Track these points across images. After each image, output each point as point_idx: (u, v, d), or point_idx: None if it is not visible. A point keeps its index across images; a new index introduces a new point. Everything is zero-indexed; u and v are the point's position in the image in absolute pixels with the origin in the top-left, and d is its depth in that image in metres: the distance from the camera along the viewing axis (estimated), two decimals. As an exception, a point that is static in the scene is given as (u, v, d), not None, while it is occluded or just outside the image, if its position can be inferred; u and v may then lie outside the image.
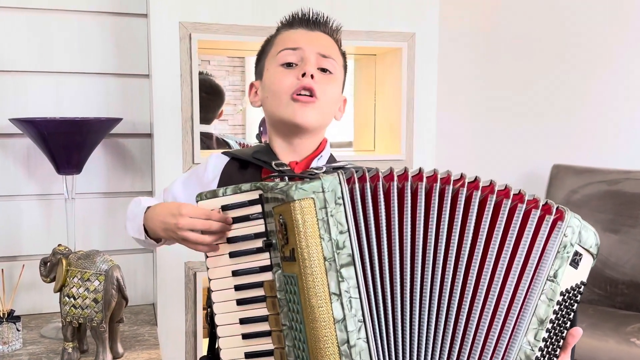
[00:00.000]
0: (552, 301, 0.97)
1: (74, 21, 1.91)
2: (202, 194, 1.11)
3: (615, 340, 1.81)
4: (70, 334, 1.58)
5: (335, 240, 0.94)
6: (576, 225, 0.98)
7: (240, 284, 1.07)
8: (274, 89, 1.24)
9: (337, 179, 0.95)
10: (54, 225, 1.93)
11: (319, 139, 1.30)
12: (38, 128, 1.69)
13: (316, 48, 1.24)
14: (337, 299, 0.93)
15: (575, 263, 0.99)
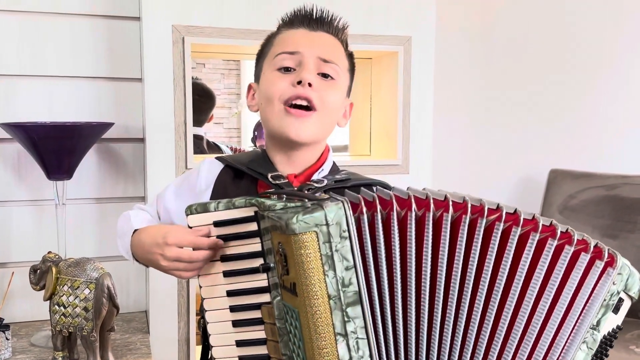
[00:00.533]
0: (592, 350, 0.93)
1: (65, 24, 1.89)
2: (192, 207, 1.04)
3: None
4: (61, 343, 1.55)
5: (340, 278, 0.86)
6: (625, 273, 0.93)
7: (236, 304, 1.02)
8: (267, 95, 1.14)
9: (342, 209, 0.87)
10: (45, 232, 1.90)
11: (319, 150, 1.20)
12: (28, 133, 1.67)
13: (316, 52, 1.14)
14: (342, 339, 0.86)
15: (617, 309, 0.95)
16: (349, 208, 0.87)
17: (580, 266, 0.88)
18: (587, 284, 0.89)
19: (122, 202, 1.97)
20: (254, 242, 0.99)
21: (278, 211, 0.90)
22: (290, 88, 1.11)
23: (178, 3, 1.80)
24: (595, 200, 2.29)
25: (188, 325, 1.86)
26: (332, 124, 1.19)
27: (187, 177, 1.28)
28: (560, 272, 0.87)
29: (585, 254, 0.88)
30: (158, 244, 1.06)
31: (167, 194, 1.28)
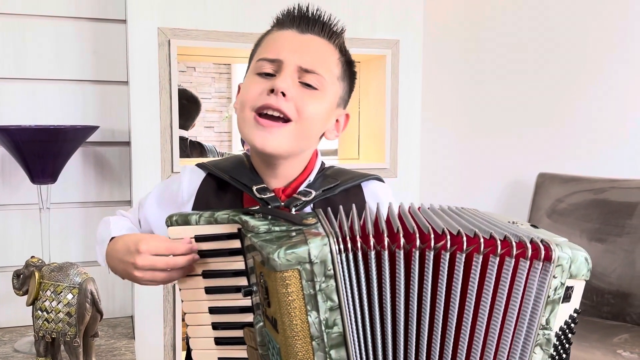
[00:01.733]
0: (548, 350, 0.87)
1: (50, 27, 1.87)
2: (172, 217, 0.99)
3: (602, 352, 1.79)
4: (44, 348, 1.53)
5: (324, 319, 0.81)
6: (566, 261, 0.84)
7: (219, 322, 0.99)
8: (241, 101, 1.06)
9: (328, 245, 0.81)
10: (29, 236, 1.88)
11: (303, 160, 1.11)
12: (12, 136, 1.65)
13: (299, 59, 1.04)
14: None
15: (567, 298, 0.87)
16: (335, 243, 0.81)
17: (521, 275, 0.82)
18: (528, 291, 0.82)
19: (108, 206, 1.95)
20: (237, 259, 0.95)
21: (261, 235, 0.86)
22: (262, 96, 1.02)
23: (164, 6, 1.79)
24: (583, 204, 2.29)
25: (174, 330, 1.84)
26: (313, 136, 1.09)
27: (169, 185, 1.21)
28: (505, 285, 0.82)
29: (524, 260, 0.81)
30: (131, 252, 1.00)
31: (148, 202, 1.22)
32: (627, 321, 2.10)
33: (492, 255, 0.81)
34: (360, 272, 0.83)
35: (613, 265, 2.15)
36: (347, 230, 0.84)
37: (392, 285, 0.83)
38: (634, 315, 2.08)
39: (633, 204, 2.19)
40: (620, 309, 2.12)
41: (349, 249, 0.82)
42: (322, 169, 1.15)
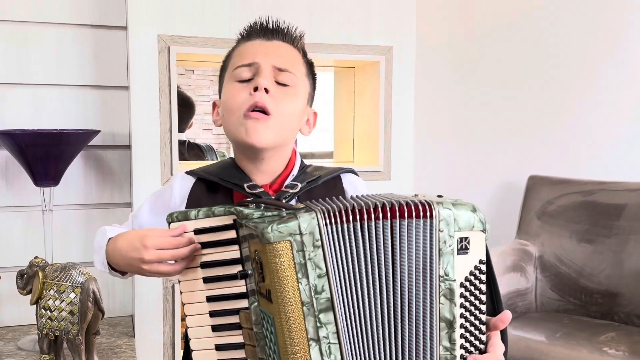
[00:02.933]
0: (453, 300, 0.94)
1: (52, 33, 1.92)
2: (173, 214, 1.06)
3: (588, 350, 1.84)
4: (47, 346, 1.57)
5: (313, 285, 0.90)
6: (449, 216, 0.94)
7: (216, 310, 1.04)
8: (228, 107, 1.15)
9: (315, 219, 0.90)
10: (32, 237, 1.93)
11: (285, 156, 1.21)
12: (15, 140, 1.69)
13: (272, 60, 1.15)
14: (315, 345, 0.90)
15: (464, 249, 0.95)
16: (322, 218, 0.91)
17: (411, 231, 0.92)
18: (417, 246, 0.92)
19: (109, 208, 2.00)
20: (232, 249, 1.01)
21: (255, 220, 0.94)
22: (249, 97, 1.12)
23: (163, 13, 1.84)
24: (572, 205, 2.34)
25: (173, 329, 1.89)
26: (291, 130, 1.19)
27: (161, 194, 1.28)
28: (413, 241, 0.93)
29: (407, 220, 0.92)
30: (136, 248, 1.06)
31: (142, 213, 1.28)
32: (615, 320, 2.15)
33: (385, 220, 0.92)
34: (343, 242, 0.92)
35: (601, 266, 2.21)
36: (330, 208, 0.93)
37: (365, 252, 0.93)
38: (622, 314, 2.14)
39: (621, 205, 2.24)
40: (609, 308, 2.17)
41: (333, 223, 0.91)
42: (302, 167, 1.24)
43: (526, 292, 2.24)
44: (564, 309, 2.24)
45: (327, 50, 2.03)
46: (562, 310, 2.24)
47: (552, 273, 2.28)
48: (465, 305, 0.95)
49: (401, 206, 0.93)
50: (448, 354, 0.94)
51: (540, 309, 2.27)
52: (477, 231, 0.96)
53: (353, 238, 0.92)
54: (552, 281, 2.28)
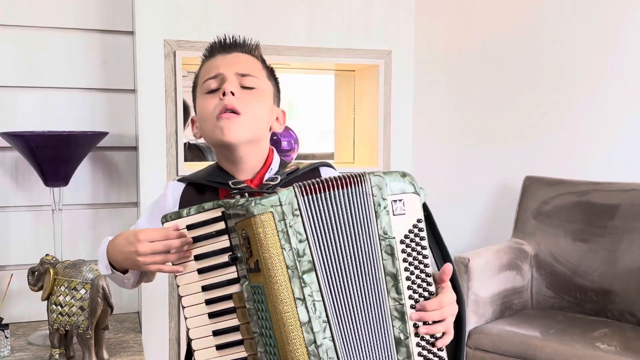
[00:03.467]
0: (394, 255, 1.06)
1: (61, 38, 1.98)
2: (166, 215, 1.15)
3: (582, 345, 1.89)
4: (57, 340, 1.63)
5: (295, 249, 1.01)
6: (380, 182, 1.06)
7: (211, 297, 1.12)
8: (203, 116, 1.28)
9: (293, 192, 1.03)
10: (42, 236, 1.98)
11: (262, 153, 1.33)
12: (27, 142, 1.75)
13: (234, 69, 1.28)
14: (301, 303, 1.01)
15: (400, 211, 1.06)
16: (299, 191, 1.03)
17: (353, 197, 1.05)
18: (356, 206, 1.05)
19: (116, 208, 2.06)
20: (222, 239, 1.11)
21: (241, 204, 1.05)
22: (219, 102, 1.25)
23: (169, 19, 1.90)
24: (567, 206, 2.38)
25: (178, 325, 1.94)
26: (262, 127, 1.31)
27: (157, 203, 1.39)
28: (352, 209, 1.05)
29: (347, 188, 1.05)
30: (131, 242, 1.16)
31: (140, 224, 1.39)
32: (609, 317, 2.20)
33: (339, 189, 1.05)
34: (317, 209, 1.04)
35: (596, 264, 2.25)
36: (303, 184, 1.05)
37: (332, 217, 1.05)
38: (615, 311, 2.19)
39: (615, 205, 2.29)
40: (602, 305, 2.22)
41: (308, 193, 1.04)
42: (282, 164, 1.36)
43: (522, 289, 2.29)
44: (559, 307, 2.29)
45: (328, 54, 2.08)
46: (557, 307, 2.29)
47: (548, 271, 2.33)
48: (408, 260, 1.07)
49: (342, 178, 1.06)
50: (397, 303, 1.06)
51: (536, 306, 2.32)
52: (410, 193, 1.08)
53: (325, 205, 1.04)
54: (547, 279, 2.32)
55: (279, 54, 2.01)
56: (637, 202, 2.25)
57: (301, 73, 2.38)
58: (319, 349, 1.01)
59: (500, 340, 1.96)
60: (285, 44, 2.02)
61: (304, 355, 1.00)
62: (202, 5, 1.93)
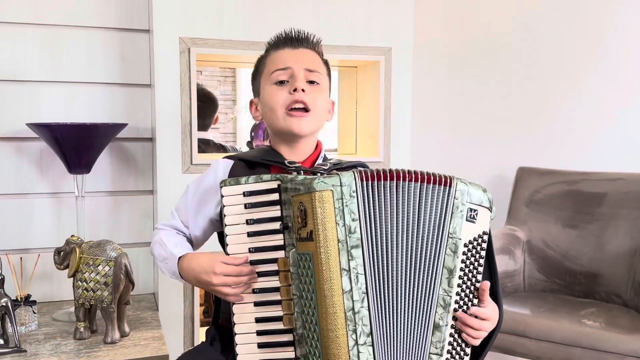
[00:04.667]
0: (457, 253, 1.16)
1: (82, 36, 2.11)
2: (225, 180, 1.27)
3: (569, 321, 2.01)
4: (82, 314, 1.76)
5: (348, 226, 1.12)
6: (464, 189, 1.17)
7: (256, 259, 1.23)
8: (271, 105, 1.38)
9: (353, 177, 1.13)
10: (64, 221, 2.11)
11: (314, 141, 1.46)
12: (52, 132, 1.88)
13: (303, 64, 1.39)
14: (346, 273, 1.11)
15: (472, 218, 1.18)
16: (358, 176, 1.14)
17: (432, 194, 1.16)
18: (436, 206, 1.16)
19: (133, 195, 2.19)
20: (275, 209, 1.23)
21: (300, 179, 1.17)
22: (289, 96, 1.37)
23: (184, 17, 2.02)
24: (558, 194, 2.49)
25: (192, 304, 2.07)
26: (323, 119, 1.44)
27: (203, 180, 1.45)
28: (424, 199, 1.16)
29: (429, 185, 1.16)
30: (207, 272, 1.26)
31: (188, 204, 1.46)
32: (597, 298, 2.31)
33: (416, 183, 1.16)
34: (374, 194, 1.14)
35: (584, 249, 2.37)
36: (365, 170, 1.15)
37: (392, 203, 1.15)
38: (603, 293, 2.31)
39: (602, 194, 2.40)
40: (590, 288, 2.34)
41: (368, 179, 1.14)
42: (325, 158, 1.49)
43: (515, 273, 2.40)
44: (550, 289, 2.40)
45: (332, 51, 2.18)
46: (548, 290, 2.41)
47: (539, 256, 2.44)
48: (465, 262, 1.18)
49: (428, 175, 1.17)
50: (445, 294, 1.17)
51: (528, 289, 2.43)
52: (485, 208, 1.20)
53: (382, 192, 1.14)
54: (539, 264, 2.43)
55: (286, 50, 2.13)
56: (623, 191, 2.36)
57: None
58: (356, 316, 1.11)
59: (493, 317, 2.07)
60: None
61: (341, 318, 1.11)
62: (215, 5, 2.05)
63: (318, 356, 1.14)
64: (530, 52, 2.80)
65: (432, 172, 1.18)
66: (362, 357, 1.12)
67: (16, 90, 2.05)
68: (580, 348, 1.92)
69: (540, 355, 1.99)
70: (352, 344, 1.11)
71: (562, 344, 1.95)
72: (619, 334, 1.90)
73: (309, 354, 1.16)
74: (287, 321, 1.20)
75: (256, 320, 1.22)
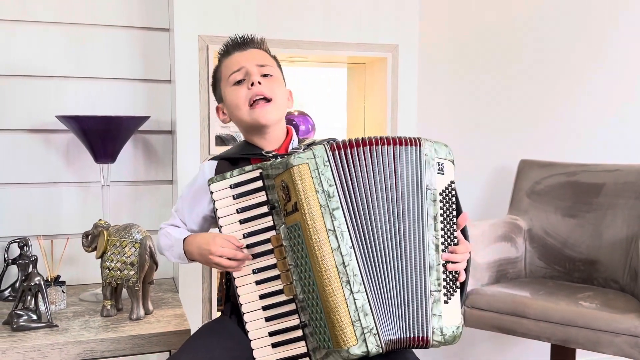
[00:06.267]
0: (435, 201, 1.31)
1: (107, 34, 2.23)
2: (212, 178, 1.43)
3: (566, 303, 2.11)
4: (109, 293, 1.88)
5: (326, 192, 1.27)
6: (431, 147, 1.32)
7: (251, 242, 1.39)
8: (235, 103, 1.54)
9: (324, 148, 1.28)
10: (89, 208, 2.23)
11: (283, 127, 1.61)
12: (80, 124, 2.00)
13: (254, 61, 1.55)
14: (332, 233, 1.26)
15: (441, 171, 1.33)
16: (329, 148, 1.29)
17: (408, 155, 1.31)
18: (412, 160, 1.31)
19: (154, 185, 2.31)
20: (261, 194, 1.38)
21: (278, 161, 1.32)
22: (248, 92, 1.52)
23: (203, 17, 2.12)
24: (558, 185, 2.57)
25: (210, 287, 2.18)
26: (284, 107, 1.59)
27: (194, 182, 1.63)
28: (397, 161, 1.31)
29: (404, 146, 1.31)
30: (207, 242, 1.44)
31: (184, 204, 1.65)
32: (595, 284, 2.41)
33: (389, 146, 1.32)
34: (346, 160, 1.29)
35: (583, 237, 2.47)
36: (335, 142, 1.31)
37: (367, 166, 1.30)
38: (601, 279, 2.41)
39: (599, 184, 2.49)
40: (589, 274, 2.44)
41: (335, 149, 1.29)
42: (300, 140, 1.65)
43: (516, 260, 2.51)
44: (550, 276, 2.50)
45: (341, 48, 2.28)
46: (549, 276, 2.50)
47: (540, 244, 2.53)
48: (443, 209, 1.32)
49: (400, 139, 1.32)
50: (434, 239, 1.31)
51: (529, 275, 2.53)
52: (449, 161, 1.36)
53: (357, 158, 1.29)
54: (539, 251, 2.53)
55: (298, 47, 2.22)
56: (620, 181, 2.45)
57: (316, 66, 2.56)
58: (347, 268, 1.25)
59: (493, 299, 2.18)
60: (303, 39, 2.22)
61: (334, 273, 1.25)
62: (231, 5, 2.15)
63: (320, 312, 1.26)
64: (532, 50, 2.88)
65: (402, 136, 1.33)
66: (358, 303, 1.24)
67: (44, 85, 2.18)
68: (576, 327, 2.03)
69: (539, 334, 2.10)
70: (347, 293, 1.24)
71: (560, 324, 2.06)
72: (612, 314, 2.01)
73: (312, 317, 1.29)
74: (287, 291, 1.34)
75: (260, 297, 1.37)
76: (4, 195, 2.16)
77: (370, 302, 1.26)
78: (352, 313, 1.23)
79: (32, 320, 1.77)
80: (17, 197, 2.18)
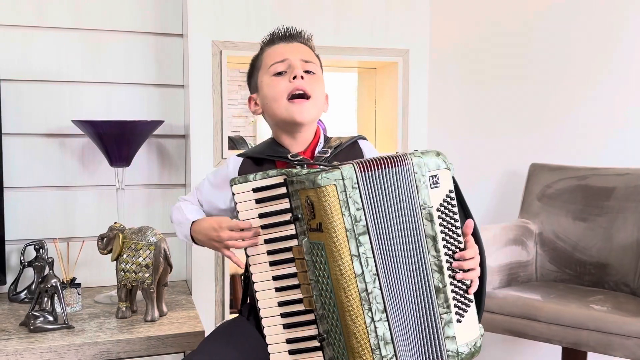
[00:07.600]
0: (433, 221, 1.25)
1: (121, 40, 2.26)
2: (235, 179, 1.37)
3: (577, 306, 2.11)
4: (124, 295, 1.91)
5: (353, 216, 1.21)
6: (420, 162, 1.25)
7: (272, 249, 1.34)
8: (272, 95, 1.47)
9: (353, 169, 1.22)
10: (104, 211, 2.26)
11: (314, 129, 1.54)
12: (95, 128, 2.03)
13: (299, 56, 1.48)
14: (356, 259, 1.21)
15: (436, 184, 1.27)
16: (358, 168, 1.23)
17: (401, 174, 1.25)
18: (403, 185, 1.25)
19: (167, 188, 2.33)
20: (284, 201, 1.32)
21: (304, 174, 1.26)
22: (289, 84, 1.45)
23: (216, 23, 2.15)
24: (568, 189, 2.58)
25: (223, 289, 2.20)
26: (321, 108, 1.53)
27: (219, 171, 1.61)
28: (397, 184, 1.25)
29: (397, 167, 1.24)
30: (215, 228, 1.44)
31: (204, 187, 1.64)
32: (605, 288, 2.41)
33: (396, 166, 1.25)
34: (371, 184, 1.23)
35: (594, 241, 2.47)
36: (359, 162, 1.24)
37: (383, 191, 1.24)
38: (611, 282, 2.41)
39: (610, 188, 2.49)
40: (600, 277, 2.44)
41: (364, 170, 1.23)
42: (326, 138, 1.58)
43: (527, 264, 2.51)
44: (561, 279, 2.51)
45: (352, 52, 2.30)
46: (559, 280, 2.51)
47: (550, 248, 2.54)
48: (443, 224, 1.28)
49: (390, 158, 1.25)
50: (436, 259, 1.27)
51: (540, 278, 2.53)
52: (443, 169, 1.29)
53: (377, 181, 1.24)
54: (550, 255, 2.53)
55: (311, 52, 2.26)
56: (630, 185, 2.46)
57: (327, 71, 2.57)
58: (369, 295, 1.22)
59: (505, 302, 2.18)
60: (315, 44, 2.26)
61: (357, 300, 1.21)
62: (244, 10, 2.18)
63: (339, 333, 1.24)
64: (543, 53, 2.89)
65: (393, 154, 1.26)
66: (379, 331, 1.22)
67: (60, 90, 2.21)
68: (587, 330, 2.04)
69: (550, 337, 2.10)
70: (369, 321, 1.22)
71: (571, 327, 2.06)
72: (624, 317, 2.01)
73: (331, 331, 1.27)
74: (307, 303, 1.31)
75: (279, 304, 1.34)
76: (21, 198, 2.20)
77: (392, 331, 1.24)
78: (372, 340, 1.22)
79: (49, 322, 1.79)
80: (34, 200, 2.21)
